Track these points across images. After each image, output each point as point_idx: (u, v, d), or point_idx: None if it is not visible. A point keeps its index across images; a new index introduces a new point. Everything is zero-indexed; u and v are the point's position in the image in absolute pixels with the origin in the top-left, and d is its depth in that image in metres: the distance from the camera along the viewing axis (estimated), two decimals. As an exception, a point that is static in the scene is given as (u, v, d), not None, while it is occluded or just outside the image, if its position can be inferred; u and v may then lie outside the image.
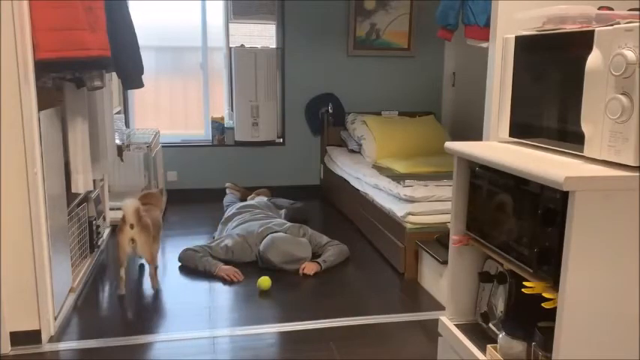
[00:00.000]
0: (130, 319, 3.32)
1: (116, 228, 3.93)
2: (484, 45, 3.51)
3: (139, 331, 3.18)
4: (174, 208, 5.91)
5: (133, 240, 3.51)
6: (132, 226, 3.47)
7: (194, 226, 5.20)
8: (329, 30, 6.22)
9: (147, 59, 6.00)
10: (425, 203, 4.09)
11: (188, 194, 6.35)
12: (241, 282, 3.82)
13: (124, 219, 3.48)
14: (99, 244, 4.39)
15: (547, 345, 2.02)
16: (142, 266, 4.20)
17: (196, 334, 3.12)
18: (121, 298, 3.58)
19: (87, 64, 2.95)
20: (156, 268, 3.72)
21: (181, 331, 3.17)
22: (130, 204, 3.47)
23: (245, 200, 5.64)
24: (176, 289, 3.68)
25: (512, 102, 2.31)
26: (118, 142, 5.02)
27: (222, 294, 3.66)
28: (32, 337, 2.99)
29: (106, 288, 3.73)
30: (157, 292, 3.64)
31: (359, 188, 5.14)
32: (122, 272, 3.61)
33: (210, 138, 6.41)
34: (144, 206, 3.67)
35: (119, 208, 4.33)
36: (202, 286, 3.79)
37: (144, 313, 3.39)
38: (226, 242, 4.29)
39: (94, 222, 4.14)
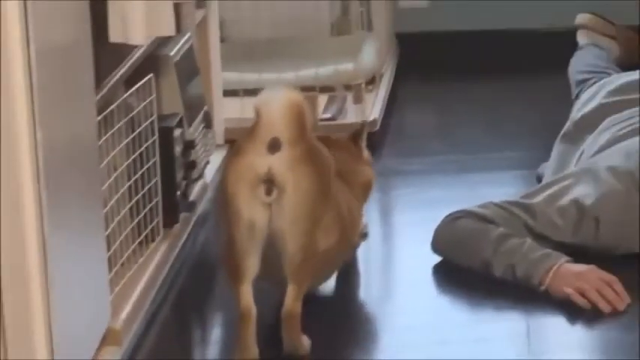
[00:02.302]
0: None
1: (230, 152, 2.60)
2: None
3: None
4: (415, 87, 3.97)
5: (268, 185, 2.09)
6: (274, 146, 2.08)
7: (476, 146, 3.35)
8: None
9: None
10: None
11: (455, 46, 4.12)
12: (624, 313, 2.28)
13: (251, 130, 2.13)
14: (192, 197, 2.80)
15: None
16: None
17: None
18: None
19: None
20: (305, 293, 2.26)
21: None
22: (282, 95, 2.14)
23: (635, 64, 3.49)
24: (423, 336, 2.29)
25: None
26: None
27: (564, 353, 2.22)
28: None
29: (211, 332, 2.50)
30: None
31: None
32: (244, 297, 2.13)
33: None
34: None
35: (253, 92, 2.88)
36: (503, 325, 2.32)
37: None
38: (578, 194, 2.50)
39: (176, 133, 2.63)
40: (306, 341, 2.08)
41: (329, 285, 2.55)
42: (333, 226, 2.27)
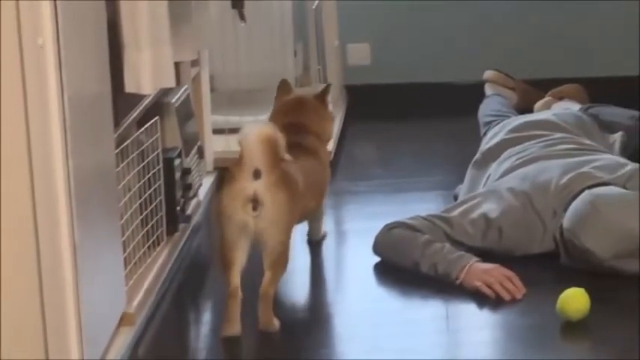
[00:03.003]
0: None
1: (223, 177, 2.50)
2: None
3: None
4: (361, 127, 3.61)
5: (254, 203, 2.11)
6: (256, 174, 2.10)
7: (407, 172, 3.32)
8: None
9: None
10: None
11: (392, 95, 3.96)
12: (521, 300, 2.28)
13: (239, 160, 2.13)
14: (188, 211, 2.78)
15: None
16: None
17: None
18: (229, 344, 2.19)
19: None
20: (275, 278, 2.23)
21: None
22: (258, 130, 2.13)
23: (529, 109, 3.46)
24: (365, 319, 2.28)
25: None
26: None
27: (475, 332, 2.23)
28: None
29: (203, 315, 2.50)
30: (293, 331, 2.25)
31: None
32: (233, 281, 2.14)
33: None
34: (292, 137, 2.30)
35: (235, 130, 2.67)
36: (428, 310, 2.33)
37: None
38: (485, 209, 2.50)
39: (176, 162, 2.58)
40: (276, 321, 2.08)
41: (294, 281, 2.50)
42: (298, 213, 2.26)
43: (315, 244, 2.53)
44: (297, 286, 2.41)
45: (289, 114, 2.42)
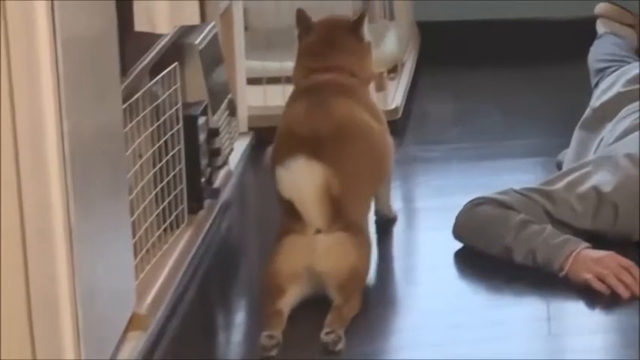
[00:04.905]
0: None
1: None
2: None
3: None
4: (436, 75, 3.89)
5: (315, 252, 2.30)
6: (320, 231, 2.30)
7: (495, 133, 3.34)
8: None
9: None
10: None
11: (476, 35, 4.05)
12: None
13: (292, 213, 2.28)
14: (216, 184, 2.81)
15: None
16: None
17: None
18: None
19: None
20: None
21: None
22: (310, 177, 2.25)
23: None
24: (442, 320, 2.28)
25: None
26: None
27: (583, 337, 2.22)
28: None
29: (235, 316, 2.51)
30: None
31: None
32: (282, 304, 2.27)
33: None
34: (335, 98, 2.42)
35: (275, 79, 3.14)
36: (523, 309, 2.34)
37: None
38: (597, 181, 2.48)
39: (200, 121, 2.63)
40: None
41: None
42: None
43: (383, 224, 2.57)
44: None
45: (317, 57, 2.48)
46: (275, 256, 2.34)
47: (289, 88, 2.65)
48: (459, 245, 2.40)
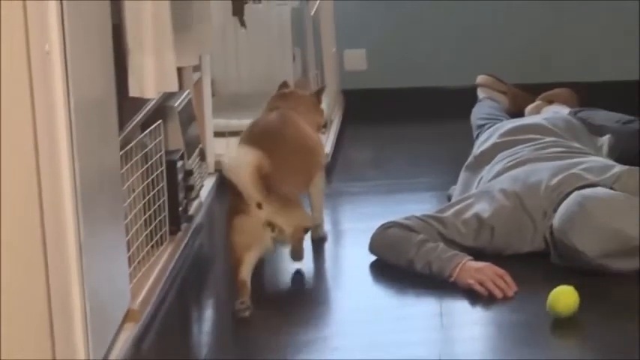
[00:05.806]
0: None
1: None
2: None
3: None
4: (357, 130, 3.61)
5: (271, 226, 2.21)
6: (260, 205, 2.17)
7: (402, 174, 3.26)
8: None
9: None
10: None
11: (387, 99, 3.85)
12: (512, 298, 2.26)
13: (236, 194, 2.18)
14: (190, 212, 2.75)
15: None
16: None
17: None
18: (229, 342, 2.24)
19: None
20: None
21: None
22: (244, 160, 2.15)
23: (520, 113, 3.32)
24: (362, 315, 2.27)
25: None
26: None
27: (467, 328, 2.21)
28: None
29: (206, 312, 2.48)
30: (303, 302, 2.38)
31: None
32: (243, 274, 2.22)
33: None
34: (278, 118, 2.39)
35: (236, 133, 2.79)
36: (422, 307, 2.31)
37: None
38: (477, 209, 2.45)
39: (179, 164, 2.58)
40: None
41: (293, 278, 2.49)
42: (304, 182, 2.37)
43: (316, 242, 2.55)
44: (296, 284, 2.41)
45: (286, 100, 2.49)
46: (230, 237, 2.28)
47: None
48: (373, 258, 2.36)
